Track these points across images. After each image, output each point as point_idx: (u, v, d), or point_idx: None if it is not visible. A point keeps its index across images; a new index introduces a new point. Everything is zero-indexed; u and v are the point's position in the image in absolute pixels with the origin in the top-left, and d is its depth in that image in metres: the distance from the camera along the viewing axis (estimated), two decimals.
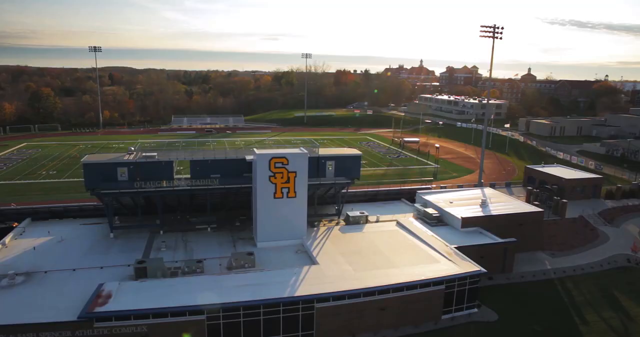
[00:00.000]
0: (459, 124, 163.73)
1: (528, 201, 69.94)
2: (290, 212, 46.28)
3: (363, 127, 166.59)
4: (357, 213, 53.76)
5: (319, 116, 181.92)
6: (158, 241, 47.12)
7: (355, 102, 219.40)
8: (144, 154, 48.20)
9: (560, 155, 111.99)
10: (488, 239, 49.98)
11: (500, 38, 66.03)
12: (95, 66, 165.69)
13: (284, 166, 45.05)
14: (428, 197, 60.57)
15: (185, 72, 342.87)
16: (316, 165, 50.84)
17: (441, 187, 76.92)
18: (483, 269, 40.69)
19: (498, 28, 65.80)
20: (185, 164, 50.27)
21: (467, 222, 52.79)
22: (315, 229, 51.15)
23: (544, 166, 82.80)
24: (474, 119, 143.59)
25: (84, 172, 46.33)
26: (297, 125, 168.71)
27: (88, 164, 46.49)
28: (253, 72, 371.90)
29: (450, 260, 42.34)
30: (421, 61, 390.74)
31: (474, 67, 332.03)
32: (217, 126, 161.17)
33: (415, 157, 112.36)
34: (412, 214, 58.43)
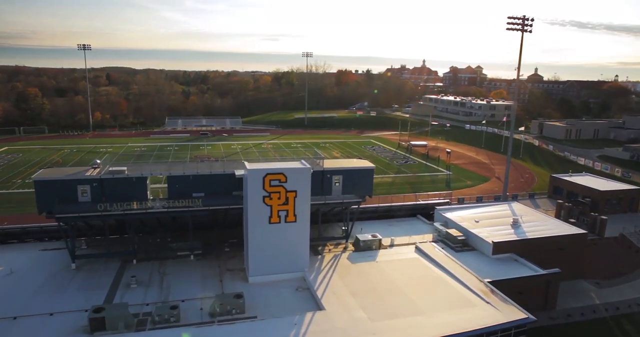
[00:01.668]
0: (467, 126, 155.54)
1: (558, 216, 61.84)
2: (290, 241, 37.91)
3: (366, 129, 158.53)
4: (369, 236, 45.38)
5: (320, 118, 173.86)
6: (129, 274, 38.76)
7: (357, 103, 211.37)
8: (111, 168, 39.68)
9: (582, 161, 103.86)
10: (526, 269, 41.70)
11: (530, 31, 57.81)
12: (87, 66, 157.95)
13: (282, 184, 36.69)
14: (449, 215, 52.25)
15: (185, 72, 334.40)
16: (320, 180, 42.48)
17: (459, 200, 68.80)
18: (532, 317, 32.43)
19: (527, 20, 57.52)
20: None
21: (500, 247, 44.50)
22: (320, 257, 42.76)
23: (571, 175, 74.45)
24: (484, 121, 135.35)
25: (36, 192, 37.84)
26: (297, 128, 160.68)
27: (41, 181, 37.90)
28: (253, 72, 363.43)
29: (487, 302, 34.08)
30: (424, 61, 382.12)
31: (478, 67, 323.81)
32: (213, 129, 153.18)
33: (424, 162, 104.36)
34: (431, 234, 50.19)
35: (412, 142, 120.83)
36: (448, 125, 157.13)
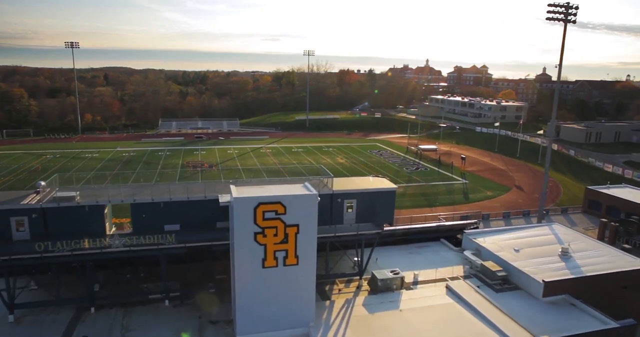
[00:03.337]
0: (477, 128, 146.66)
1: (601, 237, 53.17)
2: (290, 289, 29.03)
3: (371, 131, 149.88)
4: (388, 274, 36.38)
5: (321, 119, 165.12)
6: (81, 330, 29.90)
7: (359, 104, 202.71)
8: (58, 193, 30.84)
9: (609, 168, 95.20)
10: (592, 320, 32.77)
11: (574, 21, 49.06)
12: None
13: (279, 217, 27.83)
14: (482, 242, 43.41)
15: (184, 72, 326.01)
16: (329, 206, 33.64)
17: (483, 216, 60.01)
18: None
19: (571, 8, 48.67)
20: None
21: (552, 288, 35.64)
22: (328, 303, 33.78)
23: (609, 187, 65.59)
24: (498, 124, 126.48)
25: None
26: (298, 130, 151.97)
27: None
28: (253, 72, 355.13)
29: None
30: (427, 61, 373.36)
31: (484, 66, 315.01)
32: (209, 131, 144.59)
33: (436, 169, 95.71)
34: (461, 266, 41.37)
35: (421, 146, 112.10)
36: (458, 127, 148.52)
